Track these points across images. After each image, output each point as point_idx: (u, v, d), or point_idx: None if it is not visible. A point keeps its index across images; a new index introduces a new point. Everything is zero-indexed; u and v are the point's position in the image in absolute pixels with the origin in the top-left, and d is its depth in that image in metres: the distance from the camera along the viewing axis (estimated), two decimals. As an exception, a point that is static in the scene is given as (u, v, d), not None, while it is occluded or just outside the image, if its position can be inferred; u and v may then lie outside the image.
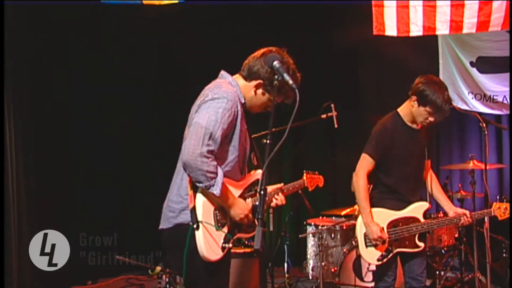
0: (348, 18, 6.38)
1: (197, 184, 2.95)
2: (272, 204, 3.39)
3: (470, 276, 5.30)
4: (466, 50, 6.42)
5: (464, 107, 6.34)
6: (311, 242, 5.69)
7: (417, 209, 3.96)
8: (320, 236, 5.44)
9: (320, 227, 5.50)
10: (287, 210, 6.86)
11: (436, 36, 6.33)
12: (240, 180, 3.16)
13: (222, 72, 3.24)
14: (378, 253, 3.91)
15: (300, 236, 5.85)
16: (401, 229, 3.91)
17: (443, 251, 5.28)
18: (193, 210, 2.96)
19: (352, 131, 6.68)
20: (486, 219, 4.50)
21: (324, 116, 5.13)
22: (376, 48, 6.55)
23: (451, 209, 4.04)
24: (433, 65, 6.51)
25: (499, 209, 4.03)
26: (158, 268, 5.12)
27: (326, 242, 5.48)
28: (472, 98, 6.47)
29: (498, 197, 4.51)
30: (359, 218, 3.98)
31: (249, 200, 3.18)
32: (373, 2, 5.42)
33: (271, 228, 5.76)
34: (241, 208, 3.06)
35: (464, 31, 5.29)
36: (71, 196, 6.21)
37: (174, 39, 6.81)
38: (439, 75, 6.53)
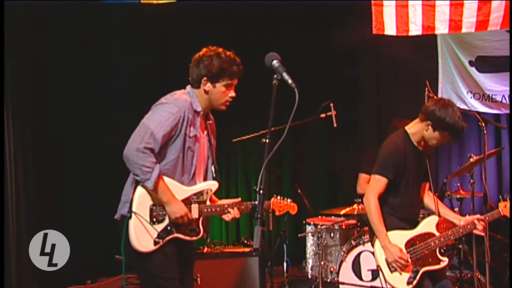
0: (348, 18, 6.38)
1: (135, 177, 3.27)
2: (226, 218, 3.49)
3: (469, 275, 5.31)
4: (466, 50, 6.42)
5: (463, 106, 6.34)
6: (310, 241, 5.70)
7: (429, 224, 3.89)
8: (319, 235, 5.44)
9: (319, 227, 5.50)
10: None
11: (435, 36, 6.33)
12: (189, 185, 3.39)
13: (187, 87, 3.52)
14: (406, 276, 3.76)
15: (299, 235, 5.86)
16: (420, 246, 3.81)
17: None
18: (131, 202, 3.29)
19: (351, 130, 6.70)
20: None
21: (323, 115, 5.13)
22: (376, 48, 6.55)
23: (460, 219, 3.96)
24: (432, 64, 6.52)
25: (506, 208, 3.94)
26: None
27: (325, 242, 5.48)
28: (471, 98, 6.47)
29: (500, 197, 4.43)
30: (377, 244, 3.82)
31: (194, 206, 3.37)
32: (372, 2, 5.42)
33: (270, 228, 5.76)
34: (177, 208, 3.28)
35: (463, 30, 5.29)
36: (71, 196, 6.21)
37: (172, 38, 6.82)
38: (438, 75, 6.54)
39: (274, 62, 2.82)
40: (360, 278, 5.00)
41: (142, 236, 3.27)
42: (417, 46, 6.19)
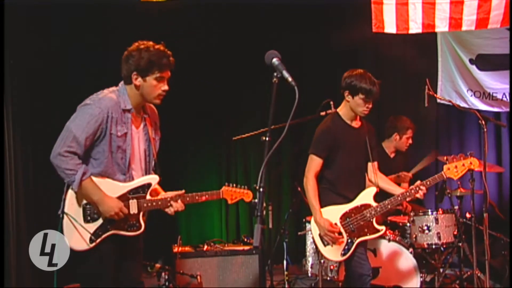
0: (347, 16, 6.38)
1: (64, 181, 3.34)
2: (168, 211, 3.50)
3: (469, 273, 5.30)
4: (466, 48, 6.42)
5: (463, 104, 6.35)
6: (310, 239, 5.69)
7: (366, 196, 4.08)
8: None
9: (319, 225, 5.50)
10: (286, 207, 6.87)
11: (435, 34, 6.34)
12: (126, 181, 3.41)
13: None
14: (340, 248, 4.00)
15: (299, 233, 5.85)
16: (355, 218, 4.03)
17: (442, 248, 5.28)
18: (63, 202, 3.37)
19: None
20: (485, 216, 4.52)
21: (323, 113, 5.13)
22: (376, 46, 6.55)
23: (400, 189, 4.15)
24: (432, 62, 6.52)
25: (449, 170, 4.11)
26: (157, 266, 5.14)
27: (325, 240, 5.47)
28: (471, 96, 6.48)
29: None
30: (312, 220, 4.10)
31: (133, 201, 3.40)
32: (372, 0, 5.42)
33: (270, 226, 5.77)
34: (109, 206, 3.31)
35: (463, 28, 5.28)
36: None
37: (171, 37, 6.80)
38: (438, 73, 6.54)
39: (274, 60, 2.82)
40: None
41: (74, 235, 3.34)
42: (417, 45, 6.18)
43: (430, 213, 5.11)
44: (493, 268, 5.34)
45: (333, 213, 4.06)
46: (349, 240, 4.01)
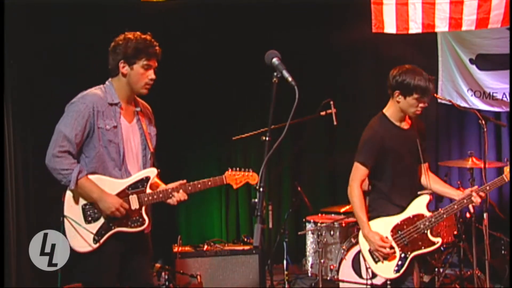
0: (347, 16, 6.37)
1: (61, 183, 3.30)
2: (171, 202, 3.45)
3: (469, 273, 5.31)
4: (466, 47, 6.42)
5: (463, 104, 6.34)
6: (310, 239, 5.70)
7: (418, 205, 3.72)
8: (319, 233, 5.44)
9: (319, 224, 5.51)
10: (286, 207, 6.88)
11: (435, 34, 6.33)
12: (122, 177, 3.38)
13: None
14: (392, 265, 3.65)
15: (299, 233, 5.86)
16: (408, 230, 3.67)
17: (442, 248, 5.28)
18: (62, 205, 3.34)
19: (351, 128, 6.69)
20: (485, 216, 4.51)
21: (323, 113, 5.14)
22: (376, 46, 6.55)
23: (458, 194, 3.78)
24: (432, 62, 6.51)
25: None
26: (157, 265, 5.14)
27: (325, 239, 5.48)
28: (472, 95, 6.47)
29: (506, 160, 4.17)
30: (360, 234, 3.74)
31: (133, 197, 3.37)
32: (372, 0, 5.42)
33: (270, 225, 5.76)
34: (109, 202, 3.29)
35: (463, 28, 5.28)
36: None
37: (171, 37, 6.81)
38: (438, 73, 6.54)
39: (274, 60, 2.82)
40: (360, 276, 5.00)
41: (77, 238, 3.32)
42: (417, 45, 6.18)
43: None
44: (493, 268, 5.34)
45: (383, 226, 3.68)
46: (402, 255, 3.64)
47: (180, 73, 6.59)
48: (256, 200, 2.68)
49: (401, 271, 3.65)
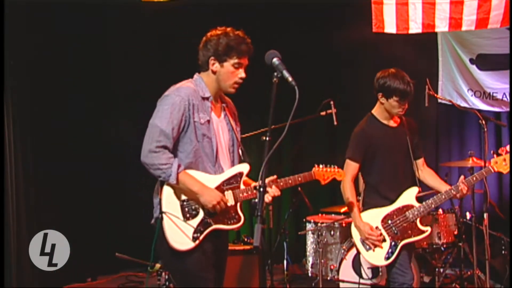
0: (347, 16, 6.37)
1: (159, 179, 3.16)
2: (265, 199, 3.23)
3: (469, 273, 5.31)
4: (466, 47, 6.42)
5: (463, 104, 6.34)
6: (310, 239, 5.70)
7: (407, 196, 3.93)
8: (319, 233, 5.44)
9: (319, 224, 5.51)
10: (287, 207, 6.87)
11: (435, 34, 6.33)
12: (215, 173, 3.26)
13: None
14: (383, 252, 3.85)
15: (299, 233, 5.86)
16: (398, 220, 3.89)
17: (442, 248, 5.28)
18: (159, 203, 3.17)
19: (351, 129, 6.69)
20: (485, 216, 4.51)
21: (323, 113, 5.13)
22: (375, 46, 6.55)
23: (446, 186, 3.95)
24: (432, 62, 6.51)
25: (497, 164, 3.89)
26: (158, 265, 5.13)
27: (325, 239, 5.48)
28: (472, 96, 6.47)
29: (492, 152, 4.19)
30: (352, 225, 3.98)
31: (228, 193, 3.25)
32: (372, 0, 5.42)
33: (271, 225, 5.77)
34: (210, 196, 3.14)
35: (463, 28, 5.29)
36: (70, 194, 6.21)
37: (172, 37, 6.81)
38: (439, 73, 6.54)
39: (274, 60, 2.82)
40: (360, 276, 5.00)
41: (178, 234, 3.14)
42: (417, 45, 6.18)
43: (430, 212, 5.10)
44: (493, 268, 5.34)
45: (374, 216, 3.92)
46: (392, 243, 3.85)
47: (180, 73, 6.58)
48: (256, 200, 2.69)
49: (392, 258, 3.85)
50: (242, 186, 3.30)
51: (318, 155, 7.13)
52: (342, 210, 5.76)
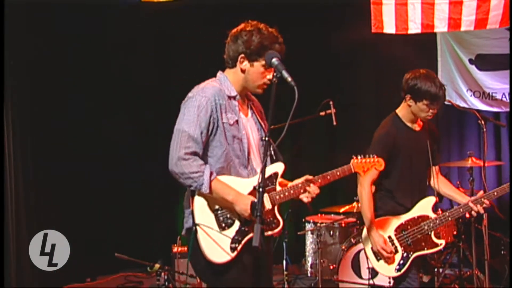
0: (347, 16, 6.38)
1: (189, 188, 2.94)
2: (304, 199, 3.13)
3: (468, 273, 5.31)
4: (465, 48, 6.43)
5: (463, 104, 6.34)
6: (309, 239, 5.71)
7: (424, 206, 3.76)
8: (318, 233, 5.45)
9: (318, 225, 5.51)
10: (286, 207, 6.87)
11: (434, 34, 6.34)
12: (249, 176, 3.05)
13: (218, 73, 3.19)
14: (394, 263, 3.69)
15: (298, 233, 5.86)
16: (412, 231, 3.71)
17: (441, 248, 5.28)
18: (192, 214, 2.96)
19: (351, 129, 6.69)
20: (484, 216, 4.51)
21: (323, 113, 5.14)
22: (375, 46, 6.55)
23: (465, 198, 3.79)
24: (431, 63, 6.51)
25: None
26: (157, 266, 5.14)
27: (324, 240, 5.49)
28: (471, 96, 6.48)
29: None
30: (364, 231, 3.77)
31: (264, 196, 2.88)
32: (371, 0, 5.43)
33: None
34: (246, 204, 2.89)
35: (462, 28, 5.29)
36: (70, 194, 6.21)
37: (172, 37, 6.81)
38: (438, 73, 6.54)
39: (274, 60, 2.82)
40: (360, 276, 5.01)
41: (214, 246, 2.92)
42: (417, 45, 6.19)
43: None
44: (493, 268, 5.34)
45: (388, 225, 3.72)
46: (404, 255, 3.67)
47: (180, 73, 6.59)
48: (256, 200, 2.68)
49: (402, 270, 3.67)
50: (278, 188, 3.09)
51: (318, 155, 7.19)
52: (342, 210, 5.77)
